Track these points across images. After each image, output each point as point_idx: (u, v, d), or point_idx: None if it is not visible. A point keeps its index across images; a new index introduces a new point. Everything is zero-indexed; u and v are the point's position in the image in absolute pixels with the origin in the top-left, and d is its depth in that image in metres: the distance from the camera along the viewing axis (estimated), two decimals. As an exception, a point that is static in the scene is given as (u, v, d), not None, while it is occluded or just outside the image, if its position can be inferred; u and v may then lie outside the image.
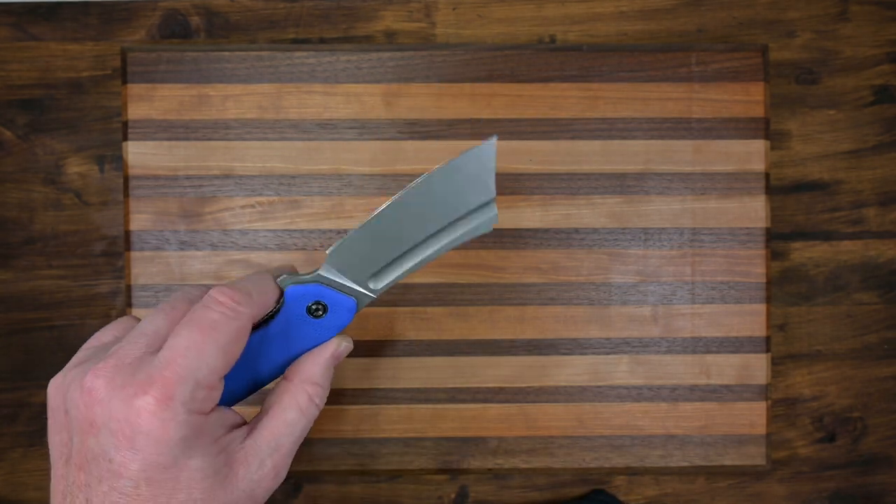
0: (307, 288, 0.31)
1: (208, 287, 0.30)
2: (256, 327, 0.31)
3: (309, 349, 0.31)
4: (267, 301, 0.29)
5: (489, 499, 0.46)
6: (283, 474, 0.29)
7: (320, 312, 0.31)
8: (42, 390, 0.46)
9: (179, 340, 0.26)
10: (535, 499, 0.46)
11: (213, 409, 0.27)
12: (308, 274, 0.31)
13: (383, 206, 0.31)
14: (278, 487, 0.46)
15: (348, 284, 0.32)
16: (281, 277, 0.31)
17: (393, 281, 0.32)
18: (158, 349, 0.27)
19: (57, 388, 0.27)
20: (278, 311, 0.31)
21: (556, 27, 0.47)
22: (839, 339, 0.47)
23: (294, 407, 0.29)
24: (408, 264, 0.32)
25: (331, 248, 0.31)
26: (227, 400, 0.31)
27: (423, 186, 0.31)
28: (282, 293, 0.31)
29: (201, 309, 0.27)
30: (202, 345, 0.26)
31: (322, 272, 0.31)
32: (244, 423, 0.29)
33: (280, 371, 0.31)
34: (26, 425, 0.46)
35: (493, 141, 0.31)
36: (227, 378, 0.29)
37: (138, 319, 0.31)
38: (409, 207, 0.31)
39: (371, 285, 0.32)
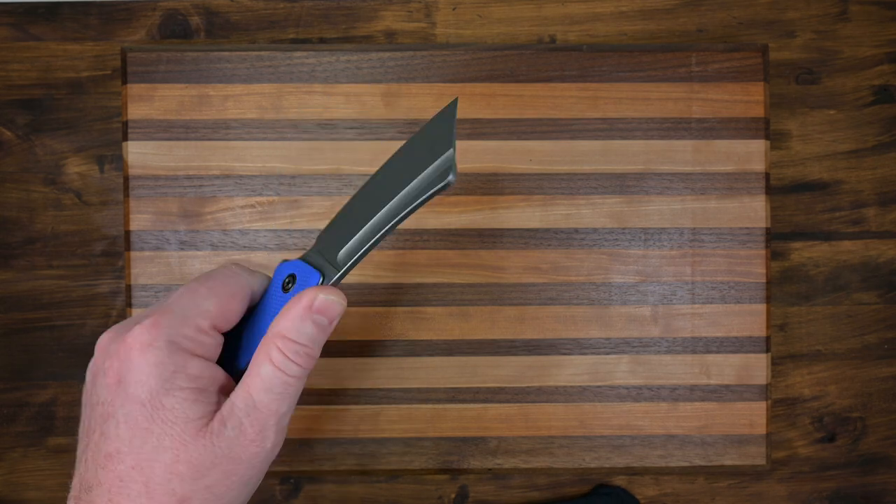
0: (288, 263, 0.32)
1: (245, 273, 0.32)
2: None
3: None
4: (265, 282, 0.31)
5: (489, 499, 0.46)
6: (272, 438, 0.28)
7: (290, 285, 0.30)
8: (42, 390, 0.46)
9: (178, 290, 0.29)
10: (535, 499, 0.46)
11: (201, 357, 0.27)
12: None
13: (362, 185, 0.32)
14: (278, 487, 0.46)
15: (319, 260, 0.31)
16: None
17: (361, 253, 0.31)
18: None
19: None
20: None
21: (556, 27, 0.47)
22: (839, 339, 0.47)
23: (266, 362, 0.28)
24: (373, 235, 0.31)
25: (320, 233, 0.32)
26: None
27: (394, 159, 0.32)
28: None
29: (210, 270, 0.30)
30: (196, 288, 0.28)
31: (308, 252, 0.32)
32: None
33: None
34: (26, 425, 0.46)
35: (455, 102, 0.31)
36: (227, 356, 0.30)
37: None
38: (380, 179, 0.32)
39: (339, 259, 0.31)
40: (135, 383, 0.26)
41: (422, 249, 0.43)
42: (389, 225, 0.31)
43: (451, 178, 0.30)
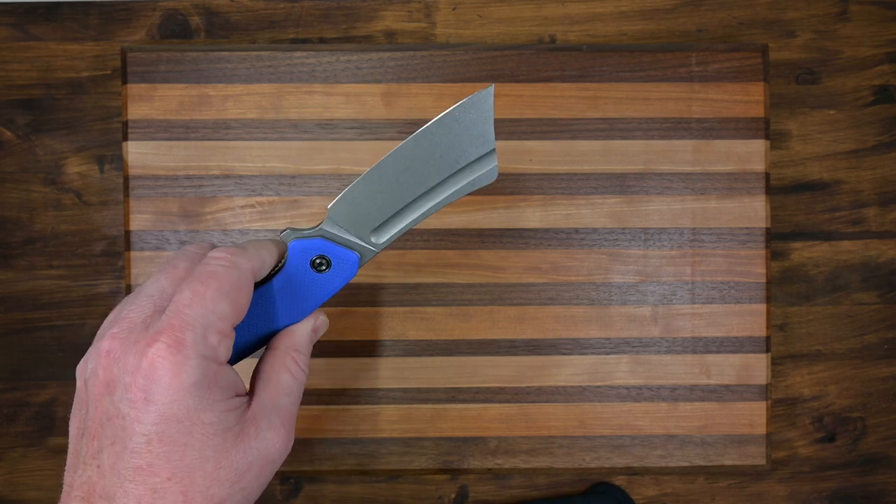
0: (309, 242, 0.31)
1: (205, 243, 0.31)
2: (262, 283, 0.31)
3: (314, 303, 0.32)
4: (264, 256, 0.30)
5: (489, 499, 0.46)
6: (291, 437, 0.30)
7: (324, 267, 0.31)
8: (42, 390, 0.46)
9: (183, 294, 0.27)
10: (535, 498, 0.46)
11: (224, 364, 0.28)
12: (311, 228, 0.32)
13: (383, 158, 0.31)
14: (278, 487, 0.46)
15: (351, 238, 0.32)
16: (284, 232, 0.32)
17: (395, 234, 0.33)
18: (166, 308, 0.28)
19: (80, 369, 0.28)
20: (283, 265, 0.31)
21: (556, 27, 0.47)
22: (839, 339, 0.47)
23: (285, 371, 0.30)
24: (410, 217, 0.33)
25: (332, 203, 0.32)
26: (234, 355, 0.31)
27: (421, 137, 0.31)
28: (285, 248, 0.31)
29: (200, 265, 0.29)
30: (205, 292, 0.27)
31: (324, 226, 0.32)
32: (246, 392, 0.30)
33: (285, 324, 0.32)
34: (26, 425, 0.46)
35: (491, 89, 0.31)
36: (236, 332, 0.30)
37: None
38: (410, 159, 0.32)
39: (374, 239, 0.32)
40: (169, 403, 0.25)
41: (422, 249, 0.43)
42: (427, 212, 0.32)
43: (495, 177, 0.32)
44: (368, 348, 0.43)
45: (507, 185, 0.43)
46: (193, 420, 0.26)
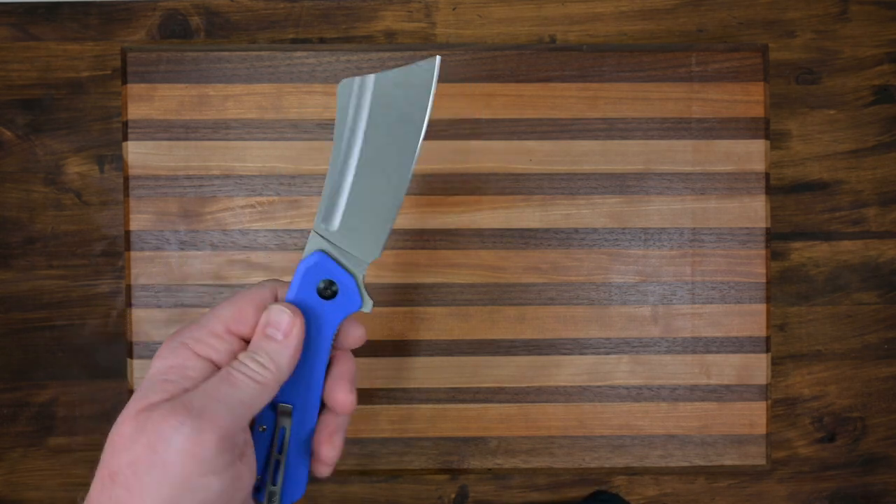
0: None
1: (269, 287, 0.31)
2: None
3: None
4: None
5: (489, 499, 0.46)
6: (206, 431, 0.27)
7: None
8: (42, 390, 0.46)
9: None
10: (535, 499, 0.46)
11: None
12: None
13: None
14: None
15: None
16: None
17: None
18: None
19: None
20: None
21: (556, 27, 0.47)
22: (839, 339, 0.47)
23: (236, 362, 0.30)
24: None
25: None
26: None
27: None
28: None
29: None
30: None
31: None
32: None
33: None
34: (26, 425, 0.46)
35: (437, 59, 0.31)
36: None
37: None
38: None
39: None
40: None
41: (422, 249, 0.43)
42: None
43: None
44: (368, 348, 0.43)
45: (507, 185, 0.43)
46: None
